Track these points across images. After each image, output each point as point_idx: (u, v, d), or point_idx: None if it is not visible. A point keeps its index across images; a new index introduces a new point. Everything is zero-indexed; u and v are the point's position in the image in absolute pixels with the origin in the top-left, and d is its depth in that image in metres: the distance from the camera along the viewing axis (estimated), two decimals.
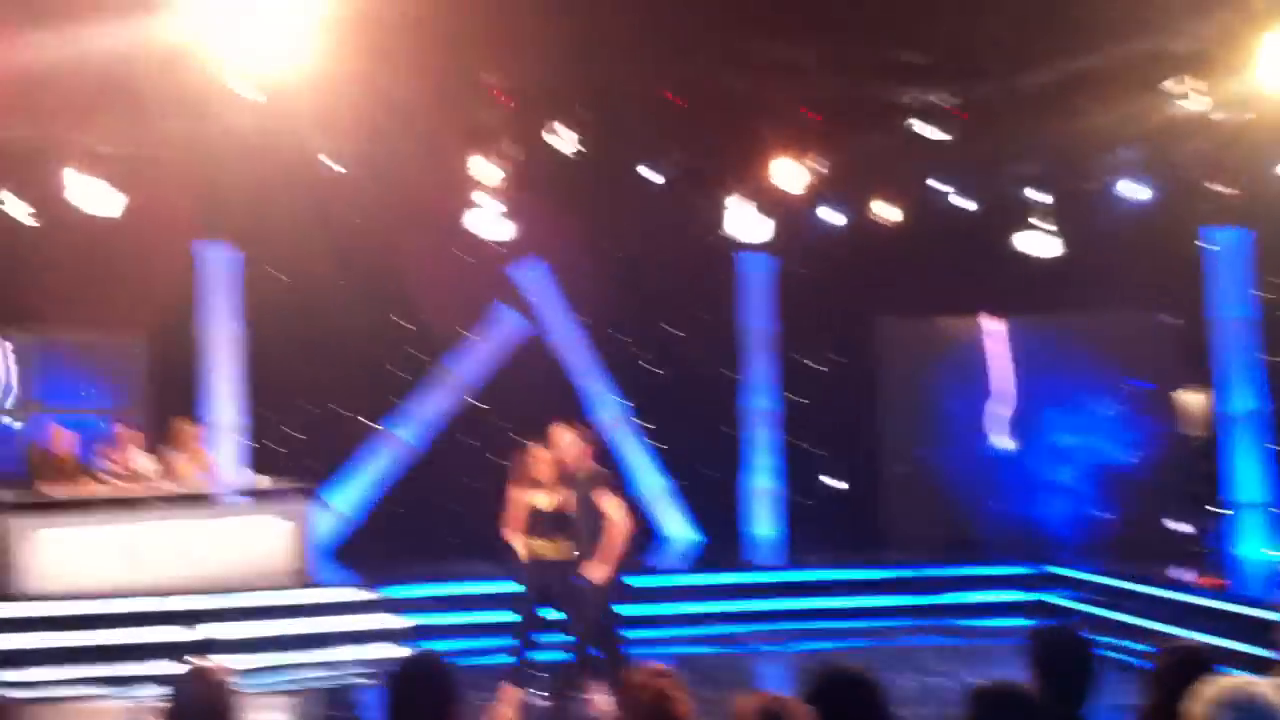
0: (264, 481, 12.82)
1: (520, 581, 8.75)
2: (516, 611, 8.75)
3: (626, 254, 15.16)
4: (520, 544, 8.65)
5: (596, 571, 8.26)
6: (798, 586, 12.92)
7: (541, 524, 8.58)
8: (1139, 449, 13.80)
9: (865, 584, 12.94)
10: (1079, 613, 11.87)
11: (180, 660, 3.77)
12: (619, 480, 9.01)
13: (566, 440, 8.64)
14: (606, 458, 13.78)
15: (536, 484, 8.62)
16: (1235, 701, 3.00)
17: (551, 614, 8.70)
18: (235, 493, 12.96)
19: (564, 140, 10.42)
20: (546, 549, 8.57)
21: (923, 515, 14.76)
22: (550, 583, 8.55)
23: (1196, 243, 13.24)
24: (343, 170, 11.30)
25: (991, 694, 3.38)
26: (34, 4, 7.92)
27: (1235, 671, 3.35)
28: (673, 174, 11.73)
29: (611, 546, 8.25)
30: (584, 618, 8.40)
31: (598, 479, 8.54)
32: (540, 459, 8.63)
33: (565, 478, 8.60)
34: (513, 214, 12.52)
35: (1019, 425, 14.62)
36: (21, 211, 11.85)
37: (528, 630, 8.62)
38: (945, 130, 11.31)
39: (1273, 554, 12.63)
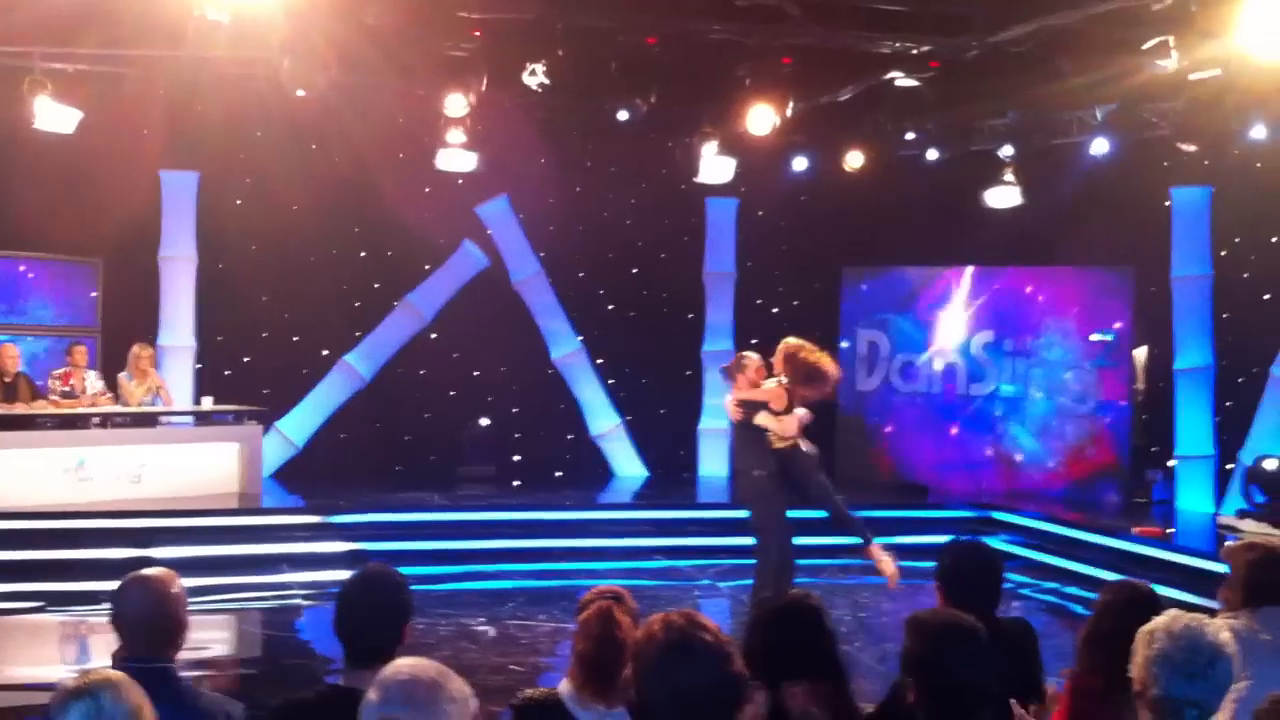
0: (214, 405, 12.73)
1: None
2: None
3: (593, 193, 15.08)
4: None
5: None
6: (738, 524, 12.93)
7: None
8: (1094, 401, 14.01)
9: (806, 523, 12.94)
10: (1019, 557, 12.03)
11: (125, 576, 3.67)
12: None
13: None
14: None
15: None
16: (1180, 633, 2.98)
17: None
18: (185, 416, 12.88)
19: (536, 78, 10.24)
20: None
21: (874, 460, 14.96)
22: None
23: (1166, 203, 13.45)
24: (308, 97, 11.00)
25: (935, 624, 3.33)
26: None
27: None
28: (644, 116, 11.60)
29: None
30: None
31: None
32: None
33: None
34: (482, 150, 12.42)
35: (975, 375, 14.75)
36: None
37: None
38: (920, 81, 11.33)
39: (1214, 506, 12.97)
